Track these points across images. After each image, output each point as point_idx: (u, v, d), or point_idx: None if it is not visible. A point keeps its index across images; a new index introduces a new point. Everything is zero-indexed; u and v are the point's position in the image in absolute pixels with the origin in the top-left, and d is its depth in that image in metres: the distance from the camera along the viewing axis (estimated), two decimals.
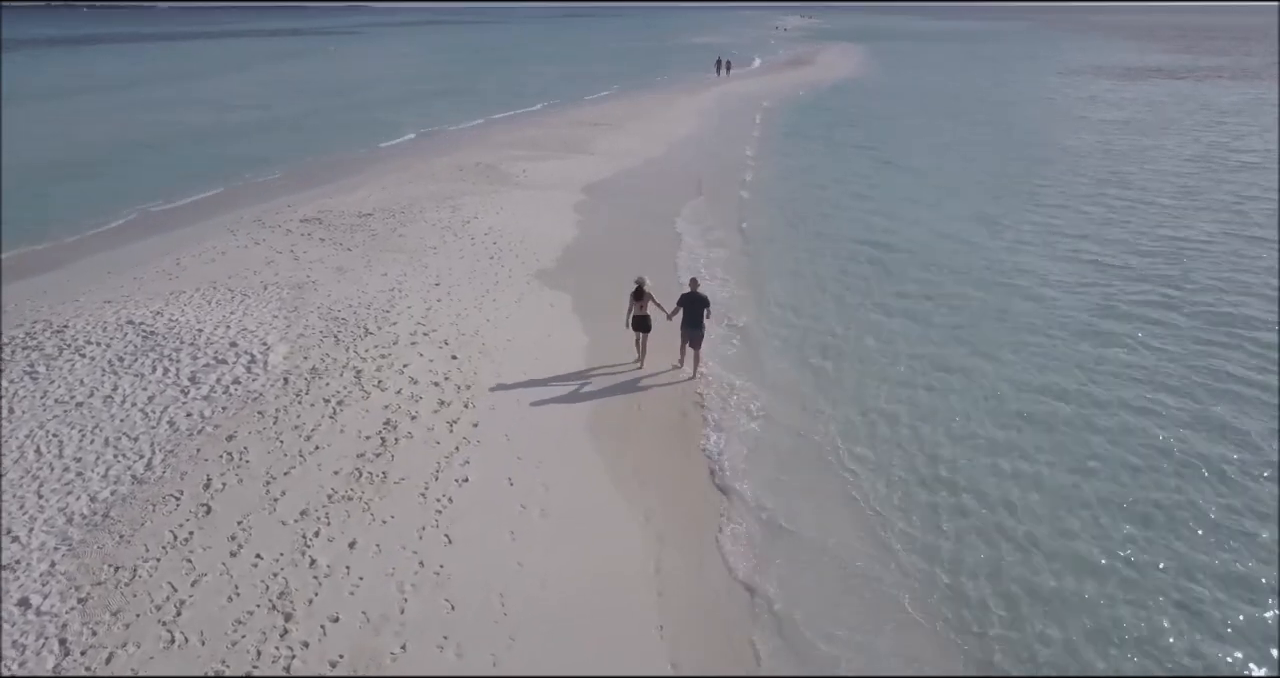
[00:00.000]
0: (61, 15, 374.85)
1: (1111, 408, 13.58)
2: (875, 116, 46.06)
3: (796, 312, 17.67)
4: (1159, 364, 15.06)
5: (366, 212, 24.28)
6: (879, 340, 16.21)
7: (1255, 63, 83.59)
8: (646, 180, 29.78)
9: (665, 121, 43.27)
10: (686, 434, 12.91)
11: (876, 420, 13.34)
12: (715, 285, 18.54)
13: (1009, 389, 14.20)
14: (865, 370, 15.04)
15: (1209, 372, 14.75)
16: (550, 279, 19.29)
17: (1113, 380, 14.48)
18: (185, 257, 20.38)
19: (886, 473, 11.90)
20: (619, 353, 15.35)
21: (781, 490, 11.50)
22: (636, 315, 14.55)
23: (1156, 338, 16.09)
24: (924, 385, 14.41)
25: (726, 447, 12.53)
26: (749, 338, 16.45)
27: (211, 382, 13.47)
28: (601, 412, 13.48)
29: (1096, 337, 16.26)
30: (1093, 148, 35.76)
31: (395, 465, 11.61)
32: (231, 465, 11.41)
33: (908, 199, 27.12)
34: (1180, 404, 13.70)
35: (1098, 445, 12.52)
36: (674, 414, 13.53)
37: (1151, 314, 17.29)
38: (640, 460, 12.15)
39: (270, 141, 38.48)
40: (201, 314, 16.17)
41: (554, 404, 13.61)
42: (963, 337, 16.25)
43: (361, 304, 17.17)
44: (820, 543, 10.43)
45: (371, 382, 13.84)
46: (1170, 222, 23.98)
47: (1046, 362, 15.19)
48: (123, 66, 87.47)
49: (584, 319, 17.09)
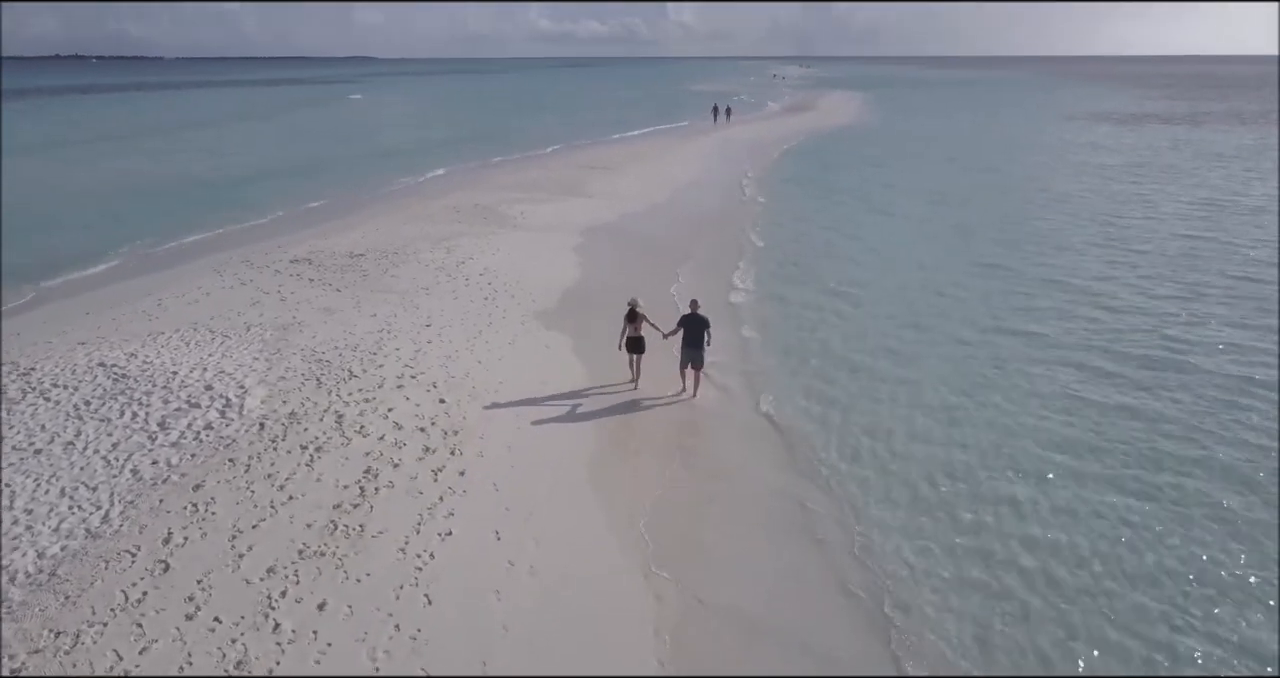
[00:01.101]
0: (70, 67, 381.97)
1: (1112, 455, 12.79)
2: (875, 162, 45.63)
3: (798, 358, 16.90)
4: (1161, 412, 14.18)
5: (359, 252, 23.66)
6: (876, 386, 15.30)
7: (1253, 109, 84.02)
8: (647, 224, 29.12)
9: (666, 165, 42.99)
10: (691, 473, 12.06)
11: (878, 478, 12.49)
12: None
13: (1011, 434, 13.41)
14: (868, 415, 14.24)
15: (1214, 420, 13.91)
16: (546, 320, 18.56)
17: (1111, 431, 13.64)
18: (167, 297, 19.68)
19: (892, 533, 11.02)
20: (614, 396, 14.75)
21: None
22: (630, 337, 14.75)
23: (1160, 387, 15.15)
24: (926, 436, 13.52)
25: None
26: (751, 384, 15.65)
27: (182, 427, 12.64)
28: (598, 457, 12.62)
29: (1096, 384, 15.43)
30: (1093, 192, 35.10)
31: (374, 517, 10.73)
32: (196, 518, 10.53)
33: (903, 244, 26.30)
34: (1182, 452, 12.89)
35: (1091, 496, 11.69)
36: (673, 448, 12.79)
37: (1154, 359, 16.43)
38: (641, 507, 11.27)
39: (267, 186, 38.00)
40: (178, 356, 15.40)
41: (547, 449, 12.76)
42: (963, 383, 15.36)
43: (348, 346, 16.42)
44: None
45: (353, 427, 13.01)
46: (1172, 267, 23.01)
47: (1047, 413, 14.33)
48: (127, 115, 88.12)
49: (580, 360, 16.35)
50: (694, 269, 22.85)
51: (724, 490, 11.81)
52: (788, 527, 11.02)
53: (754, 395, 14.95)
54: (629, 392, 14.97)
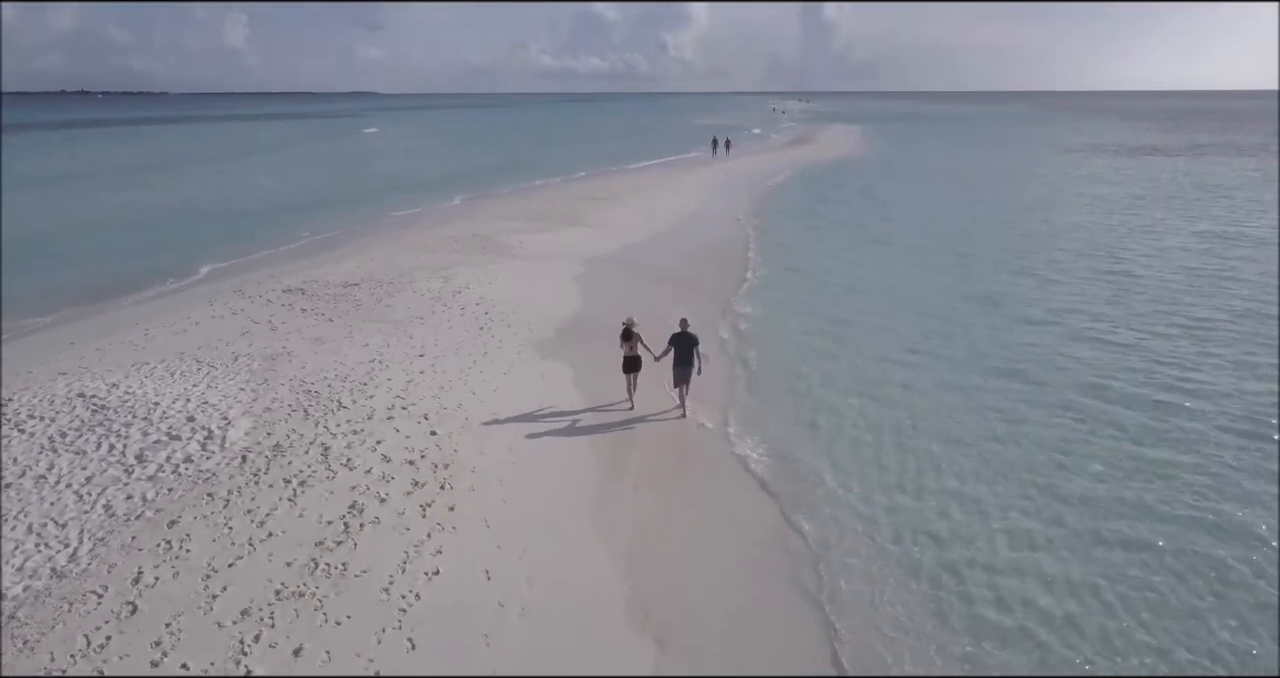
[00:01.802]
0: (76, 102, 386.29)
1: (1112, 497, 12.19)
2: (874, 194, 45.39)
3: (799, 382, 16.40)
4: (1169, 459, 13.43)
5: (353, 282, 23.25)
6: (868, 424, 14.59)
7: (1253, 141, 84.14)
8: (647, 254, 28.72)
9: (666, 197, 42.75)
10: (690, 511, 11.50)
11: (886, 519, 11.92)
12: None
13: (1007, 483, 12.80)
14: (859, 455, 13.68)
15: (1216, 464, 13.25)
16: (543, 350, 18.09)
17: (1109, 466, 13.08)
18: (155, 327, 19.23)
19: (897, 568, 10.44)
20: (610, 420, 14.38)
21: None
22: (626, 356, 14.87)
23: (1167, 432, 14.33)
24: (915, 477, 12.95)
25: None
26: (748, 417, 15.13)
27: (160, 460, 12.10)
28: (594, 490, 12.10)
29: (1094, 419, 14.87)
30: (1094, 224, 34.58)
31: (357, 556, 10.16)
32: (168, 556, 9.96)
33: (901, 275, 25.75)
34: (1183, 494, 12.31)
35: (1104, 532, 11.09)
36: (671, 480, 12.27)
37: (1158, 398, 15.75)
38: (637, 546, 10.71)
39: (264, 218, 37.80)
40: (161, 387, 14.90)
41: (541, 483, 12.22)
42: (958, 423, 14.70)
43: (338, 376, 15.93)
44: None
45: (340, 460, 12.47)
46: (1174, 299, 22.36)
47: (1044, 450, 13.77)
48: (138, 150, 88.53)
49: (576, 388, 15.90)
50: (693, 299, 22.30)
51: (718, 533, 11.24)
52: (772, 572, 10.40)
53: (746, 429, 14.39)
54: (625, 412, 14.91)
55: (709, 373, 15.46)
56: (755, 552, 10.78)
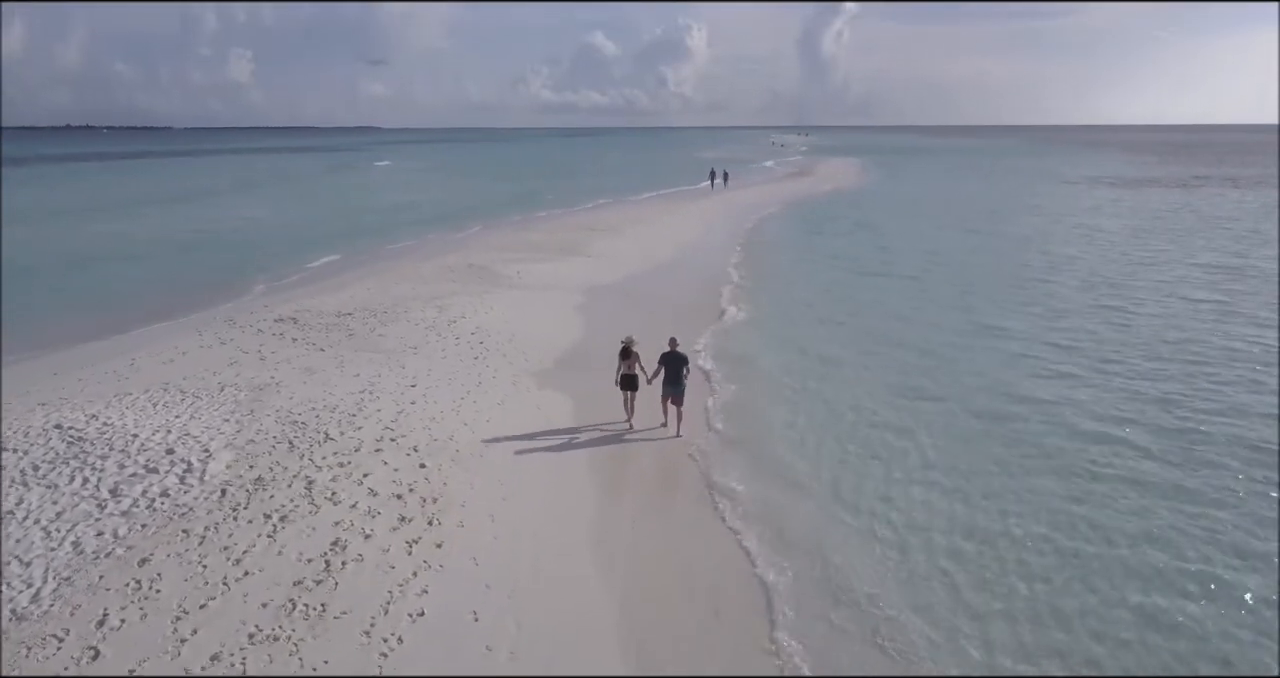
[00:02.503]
0: (81, 136, 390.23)
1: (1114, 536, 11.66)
2: (872, 225, 44.92)
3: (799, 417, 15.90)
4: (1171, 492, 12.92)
5: (346, 311, 22.83)
6: (860, 459, 14.07)
7: (1250, 174, 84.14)
8: (646, 284, 28.34)
9: (666, 228, 42.48)
10: (694, 538, 10.95)
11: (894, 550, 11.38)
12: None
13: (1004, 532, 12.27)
14: (851, 493, 13.15)
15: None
16: (539, 380, 17.64)
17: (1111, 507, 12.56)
18: (142, 357, 18.77)
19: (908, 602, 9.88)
20: (606, 444, 13.98)
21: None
22: (625, 374, 14.97)
23: (1173, 464, 13.82)
24: (913, 506, 12.48)
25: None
26: (752, 454, 14.62)
27: (135, 494, 11.57)
28: (587, 527, 11.56)
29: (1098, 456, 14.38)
30: (1096, 256, 34.02)
31: (338, 596, 9.60)
32: (137, 596, 9.40)
33: (899, 306, 25.08)
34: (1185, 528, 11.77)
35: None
36: (671, 508, 11.71)
37: (1165, 429, 15.22)
38: (636, 581, 10.15)
39: (262, 250, 37.45)
40: (142, 417, 14.40)
41: (533, 518, 11.68)
42: (956, 459, 14.15)
43: (326, 407, 15.43)
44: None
45: (323, 494, 11.94)
46: (1180, 331, 21.65)
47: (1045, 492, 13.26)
48: (132, 183, 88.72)
49: (571, 419, 15.45)
50: (690, 327, 21.77)
51: (713, 574, 10.71)
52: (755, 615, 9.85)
53: (742, 461, 13.90)
54: (622, 433, 15.00)
55: (697, 404, 15.38)
56: (745, 595, 10.22)
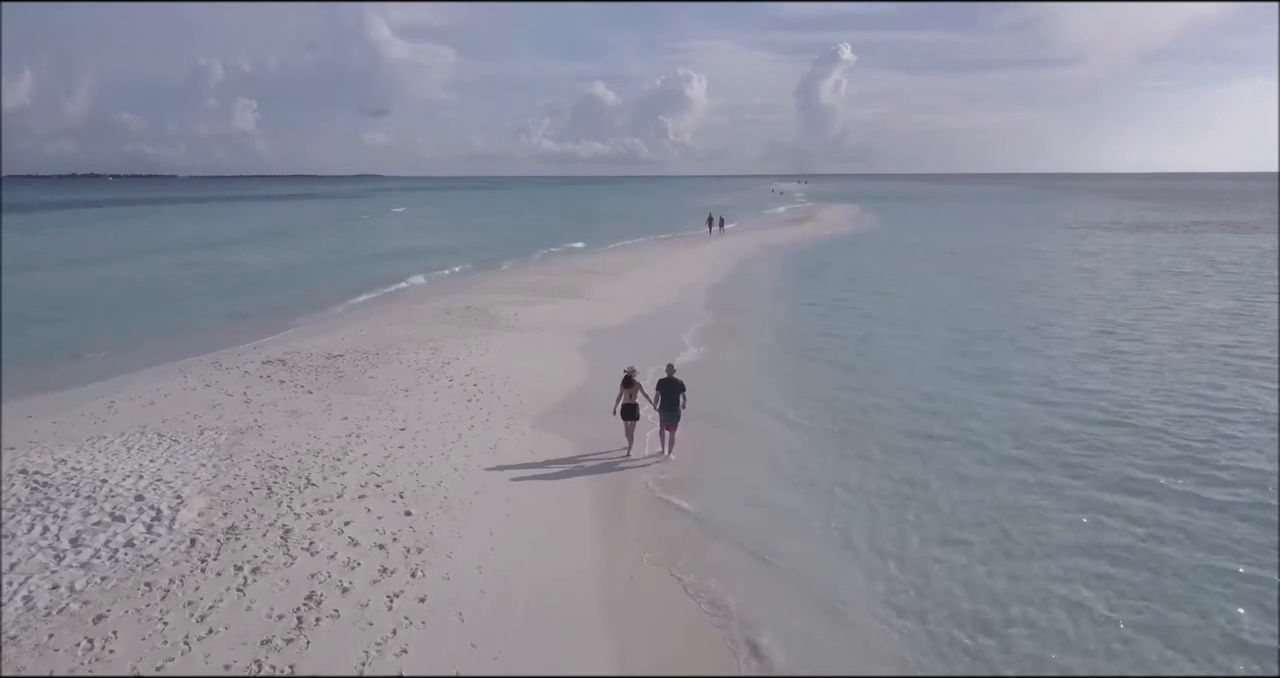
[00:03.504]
0: (85, 184, 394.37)
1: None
2: (873, 271, 44.02)
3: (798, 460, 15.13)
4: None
5: (337, 353, 22.19)
6: (853, 521, 13.31)
7: (1250, 219, 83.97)
8: (643, 328, 27.65)
9: (663, 271, 42.05)
10: (691, 592, 10.14)
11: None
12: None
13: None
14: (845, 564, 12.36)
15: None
16: (534, 423, 16.92)
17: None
18: (122, 399, 18.07)
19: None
20: (602, 482, 13.23)
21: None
22: (626, 404, 15.02)
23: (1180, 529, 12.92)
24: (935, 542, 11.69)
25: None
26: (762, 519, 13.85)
27: (98, 545, 10.80)
28: (580, 578, 10.73)
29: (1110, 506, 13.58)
30: (1101, 300, 33.12)
31: (309, 656, 8.79)
32: (88, 658, 8.59)
33: (902, 353, 24.11)
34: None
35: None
36: (661, 566, 10.84)
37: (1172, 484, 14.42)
38: (635, 638, 9.33)
39: (256, 293, 36.86)
40: (114, 462, 13.67)
41: (523, 570, 10.86)
42: (955, 517, 13.34)
43: (310, 451, 14.71)
44: None
45: (301, 544, 11.16)
46: (1187, 381, 20.42)
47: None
48: (135, 227, 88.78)
49: (564, 465, 14.65)
50: (688, 370, 21.05)
51: (711, 633, 9.89)
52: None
53: (737, 511, 13.14)
54: (619, 463, 14.88)
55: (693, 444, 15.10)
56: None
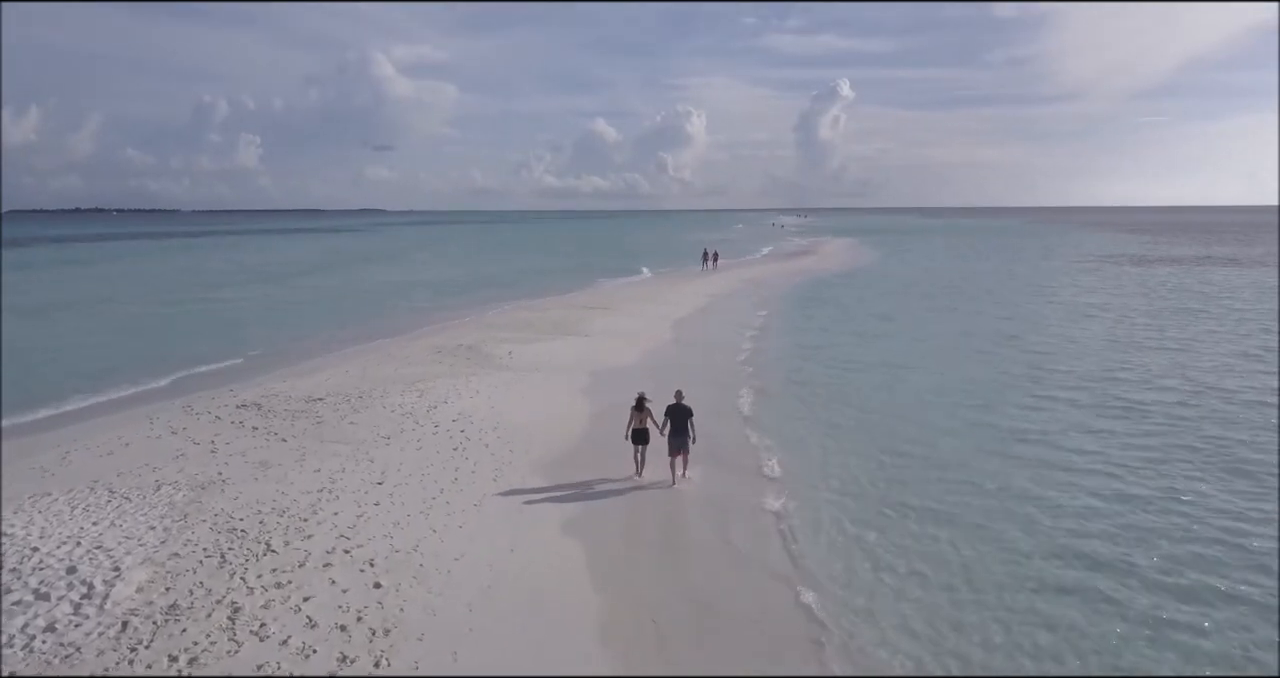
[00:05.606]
0: (89, 219, 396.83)
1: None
2: (875, 306, 42.38)
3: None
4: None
5: (317, 396, 20.84)
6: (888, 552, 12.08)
7: (1253, 253, 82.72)
8: (647, 364, 26.37)
9: (660, 305, 40.80)
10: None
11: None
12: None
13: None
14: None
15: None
16: (525, 475, 15.52)
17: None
18: (78, 449, 16.68)
19: None
20: (604, 527, 11.83)
21: None
22: (636, 428, 15.24)
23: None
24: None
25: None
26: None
27: (13, 630, 9.36)
28: (589, 664, 9.28)
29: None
30: (1111, 339, 31.44)
31: None
32: None
33: (904, 396, 22.31)
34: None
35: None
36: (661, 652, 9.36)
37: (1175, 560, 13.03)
38: None
39: (240, 331, 35.40)
40: (52, 525, 12.26)
41: (507, 657, 9.42)
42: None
43: (275, 510, 13.31)
44: None
45: (249, 626, 9.72)
46: (1201, 429, 18.80)
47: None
48: (136, 262, 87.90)
49: (557, 523, 13.21)
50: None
51: None
52: None
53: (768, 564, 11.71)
54: (628, 493, 14.73)
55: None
56: None
